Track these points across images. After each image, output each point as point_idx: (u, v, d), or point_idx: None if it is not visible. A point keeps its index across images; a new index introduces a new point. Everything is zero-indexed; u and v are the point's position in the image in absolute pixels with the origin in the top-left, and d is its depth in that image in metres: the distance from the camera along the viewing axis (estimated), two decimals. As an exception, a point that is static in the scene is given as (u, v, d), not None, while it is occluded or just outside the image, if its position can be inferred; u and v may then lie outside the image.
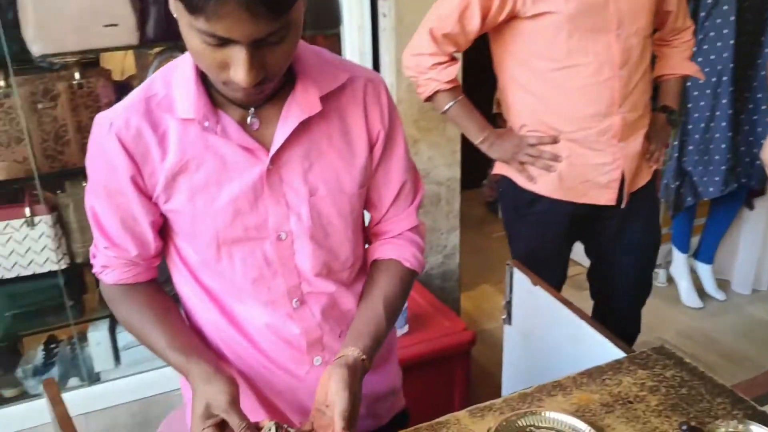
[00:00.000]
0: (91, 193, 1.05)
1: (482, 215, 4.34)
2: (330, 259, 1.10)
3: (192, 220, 1.02)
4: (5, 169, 2.22)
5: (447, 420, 1.13)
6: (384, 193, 1.16)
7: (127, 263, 1.09)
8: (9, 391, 2.47)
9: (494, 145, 1.90)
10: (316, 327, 1.13)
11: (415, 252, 1.19)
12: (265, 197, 1.02)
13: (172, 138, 0.99)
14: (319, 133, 1.04)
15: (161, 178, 1.00)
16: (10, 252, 2.26)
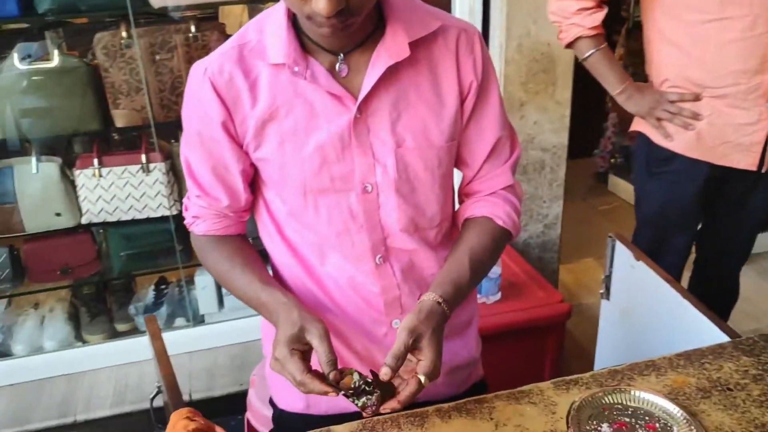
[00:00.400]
0: (186, 143, 1.07)
1: (590, 186, 4.18)
2: (416, 215, 1.08)
3: (280, 168, 1.03)
4: (125, 117, 2.34)
5: (530, 389, 1.10)
6: (477, 149, 1.12)
7: (218, 214, 1.11)
8: (122, 326, 2.65)
9: (632, 98, 1.85)
10: (395, 286, 1.11)
11: (509, 211, 1.13)
12: (352, 147, 1.01)
13: (263, 84, 0.99)
14: (408, 83, 1.02)
15: (251, 124, 1.01)
16: (127, 195, 2.39)
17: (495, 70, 1.11)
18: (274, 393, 1.27)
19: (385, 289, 1.11)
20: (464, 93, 1.06)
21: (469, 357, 1.25)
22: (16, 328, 2.59)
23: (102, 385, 2.46)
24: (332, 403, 1.15)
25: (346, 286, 1.11)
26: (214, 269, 1.14)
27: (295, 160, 1.01)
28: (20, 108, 2.28)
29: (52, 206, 2.36)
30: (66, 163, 2.40)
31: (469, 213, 1.15)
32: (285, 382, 1.20)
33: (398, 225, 1.07)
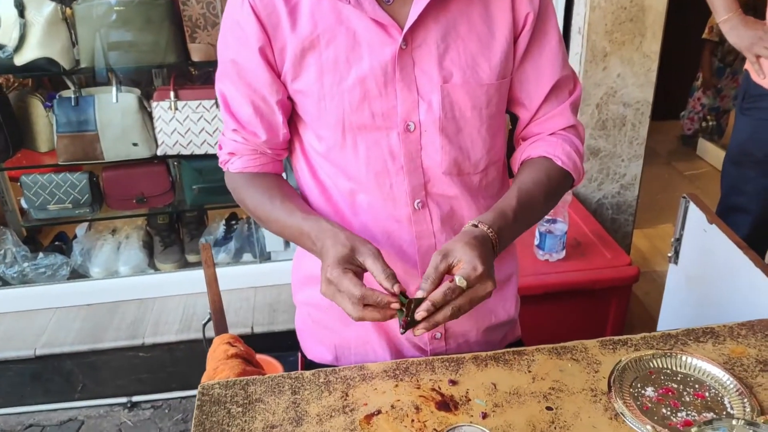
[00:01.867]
0: (222, 76, 1.03)
1: (676, 150, 3.97)
2: (460, 158, 1.02)
3: (318, 102, 0.98)
4: (201, 51, 2.36)
5: (573, 346, 1.06)
6: (534, 89, 1.05)
7: (255, 151, 1.07)
8: (193, 257, 2.74)
9: (735, 28, 1.89)
10: (431, 234, 1.05)
11: (568, 150, 1.05)
12: (396, 81, 0.96)
13: (304, 9, 0.95)
14: (459, 14, 0.96)
15: (290, 52, 0.96)
16: (201, 130, 2.43)
17: (551, 3, 1.03)
18: (303, 343, 1.24)
19: (421, 236, 1.05)
20: (519, 26, 0.99)
21: (506, 316, 1.18)
22: (94, 251, 2.71)
23: (170, 311, 2.56)
24: (360, 355, 1.14)
25: (380, 235, 1.05)
26: (251, 205, 1.08)
27: (334, 93, 0.97)
28: (102, 38, 2.33)
29: (130, 136, 2.42)
30: (144, 94, 2.46)
31: (526, 155, 1.09)
32: (314, 333, 1.19)
33: (441, 168, 1.02)
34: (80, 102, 2.40)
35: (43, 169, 2.54)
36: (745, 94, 1.94)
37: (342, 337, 1.15)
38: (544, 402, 0.95)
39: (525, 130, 1.10)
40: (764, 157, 1.92)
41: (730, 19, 1.88)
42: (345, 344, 1.15)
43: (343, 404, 0.95)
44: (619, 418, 0.92)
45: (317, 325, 1.19)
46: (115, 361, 2.45)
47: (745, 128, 1.95)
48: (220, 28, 1.03)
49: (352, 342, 1.14)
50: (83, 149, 2.42)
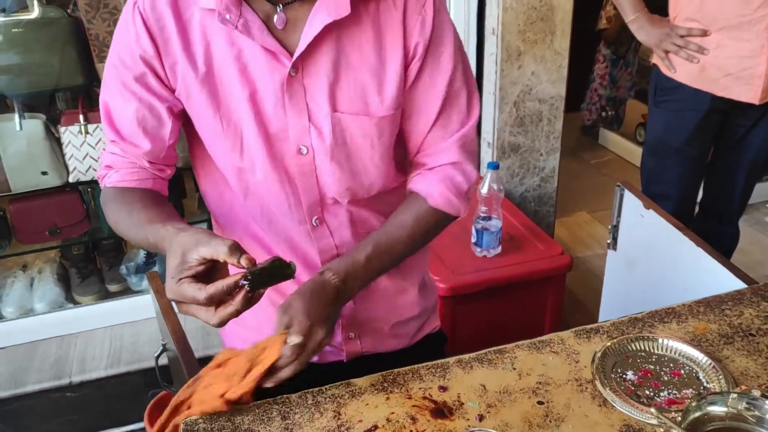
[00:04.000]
0: (108, 85, 1.00)
1: (578, 140, 4.16)
2: (352, 183, 1.02)
3: (214, 123, 0.97)
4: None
5: (550, 339, 1.08)
6: (418, 121, 1.04)
7: (133, 164, 1.02)
8: (114, 286, 2.60)
9: (643, 27, 1.98)
10: (333, 247, 1.08)
11: (445, 192, 1.05)
12: (286, 107, 0.95)
13: (195, 26, 0.93)
14: (350, 43, 0.95)
15: (182, 70, 0.95)
16: (115, 153, 2.32)
17: (452, 32, 1.01)
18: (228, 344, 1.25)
19: (323, 251, 1.08)
20: (409, 56, 0.99)
21: (413, 312, 1.22)
22: (4, 290, 2.53)
23: (96, 346, 2.43)
24: None
25: (287, 250, 1.07)
26: (113, 220, 1.01)
27: (229, 114, 0.96)
28: (1, 62, 2.18)
29: (38, 165, 2.28)
30: (50, 119, 2.32)
31: (410, 186, 1.09)
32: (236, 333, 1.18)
33: (333, 189, 1.02)
34: (-21, 132, 2.23)
35: (-59, 207, 2.35)
36: (657, 88, 2.03)
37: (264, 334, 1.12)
38: (534, 397, 0.97)
39: (414, 158, 1.10)
40: (680, 146, 2.02)
41: (637, 19, 1.97)
42: None
43: (338, 424, 0.93)
44: (608, 404, 0.95)
45: (238, 325, 1.14)
46: (41, 405, 2.30)
47: (660, 120, 2.06)
48: None
49: None
50: (-14, 182, 2.25)
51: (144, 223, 0.94)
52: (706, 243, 1.36)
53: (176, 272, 0.82)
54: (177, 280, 0.82)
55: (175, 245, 0.85)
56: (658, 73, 2.02)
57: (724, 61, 1.86)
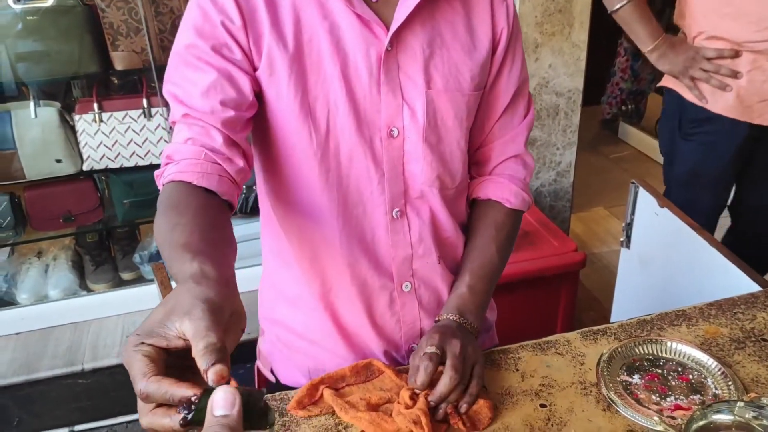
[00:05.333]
0: (175, 71, 0.90)
1: (597, 134, 4.10)
2: (441, 169, 0.99)
3: (302, 100, 0.91)
4: (125, 59, 2.25)
5: (556, 339, 1.06)
6: (496, 101, 1.03)
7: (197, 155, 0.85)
8: (127, 274, 2.62)
9: (665, 56, 1.73)
10: (408, 245, 1.02)
11: (516, 191, 1.07)
12: (381, 83, 0.92)
13: (285, 4, 0.89)
14: (444, 21, 0.94)
15: (267, 49, 0.88)
16: (129, 141, 2.32)
17: (520, 27, 1.05)
18: (274, 366, 1.17)
19: (397, 246, 1.01)
20: (496, 41, 0.99)
21: None
22: (20, 276, 2.55)
23: (108, 333, 2.44)
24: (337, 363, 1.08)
25: (356, 244, 1.00)
26: (156, 230, 0.81)
27: (318, 91, 0.91)
28: (15, 50, 2.19)
29: (53, 152, 2.29)
30: (65, 107, 2.33)
31: (474, 194, 1.09)
32: (286, 356, 1.13)
33: (422, 176, 0.98)
34: (-5, 119, 2.25)
35: (-44, 194, 2.37)
36: (684, 120, 1.80)
37: (317, 360, 1.10)
38: (537, 400, 0.95)
39: (478, 149, 1.08)
40: (716, 178, 1.84)
41: (657, 47, 1.73)
42: (320, 367, 1.08)
43: (336, 422, 0.92)
44: (612, 409, 0.92)
45: (288, 349, 1.12)
46: (54, 391, 2.31)
47: (691, 153, 1.83)
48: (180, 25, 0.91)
49: (327, 365, 1.08)
50: (2, 169, 2.27)
51: (177, 246, 0.72)
52: (720, 243, 1.32)
53: (144, 331, 0.59)
54: (136, 343, 0.58)
55: (173, 295, 0.63)
56: (680, 101, 1.78)
57: (760, 86, 1.65)
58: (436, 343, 0.92)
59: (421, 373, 0.90)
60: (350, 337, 1.06)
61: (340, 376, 0.98)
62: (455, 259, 1.08)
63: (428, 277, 1.04)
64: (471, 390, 0.91)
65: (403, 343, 1.07)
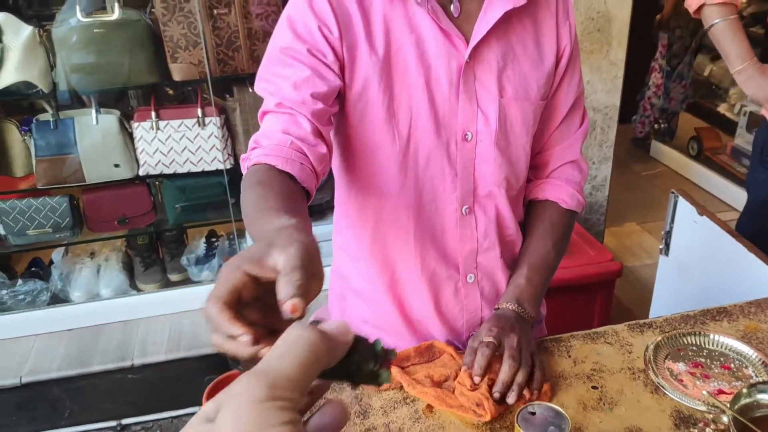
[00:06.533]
0: (268, 70, 0.99)
1: (630, 152, 4.16)
2: (508, 171, 1.09)
3: (386, 108, 1.01)
4: (183, 71, 2.38)
5: (604, 331, 1.14)
6: (556, 111, 1.13)
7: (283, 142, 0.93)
8: (175, 276, 2.73)
9: (752, 78, 1.71)
10: (474, 239, 1.11)
11: (572, 191, 1.17)
12: (459, 91, 1.02)
13: (376, 12, 0.99)
14: (515, 37, 1.04)
15: (362, 55, 0.99)
16: (183, 149, 2.44)
17: (578, 44, 1.14)
18: None
19: (464, 240, 1.11)
20: (560, 56, 1.09)
21: None
22: (73, 275, 2.67)
23: (157, 332, 2.55)
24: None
25: (427, 237, 1.10)
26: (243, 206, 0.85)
27: (403, 98, 1.01)
28: (81, 60, 2.32)
29: (111, 157, 2.42)
30: (125, 115, 2.46)
31: (532, 195, 1.18)
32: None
33: (491, 177, 1.08)
34: (59, 125, 2.38)
35: (20, 194, 2.50)
36: (765, 145, 1.80)
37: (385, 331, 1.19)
38: (589, 382, 1.02)
39: (538, 155, 1.17)
40: None
41: (745, 69, 1.70)
42: None
43: (404, 396, 1.01)
44: (660, 392, 1.00)
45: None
46: (104, 385, 2.42)
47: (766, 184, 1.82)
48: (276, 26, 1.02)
49: None
50: (64, 172, 2.40)
51: (268, 209, 0.77)
52: (758, 249, 1.39)
53: (244, 258, 0.60)
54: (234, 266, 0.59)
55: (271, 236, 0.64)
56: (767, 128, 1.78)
57: None
58: (494, 335, 1.01)
59: (479, 358, 0.99)
60: (415, 324, 1.15)
61: (405, 356, 1.07)
62: (513, 256, 1.17)
63: (490, 270, 1.13)
64: (537, 376, 1.00)
65: (464, 331, 1.16)
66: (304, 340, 0.42)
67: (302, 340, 0.42)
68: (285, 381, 0.39)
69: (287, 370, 0.40)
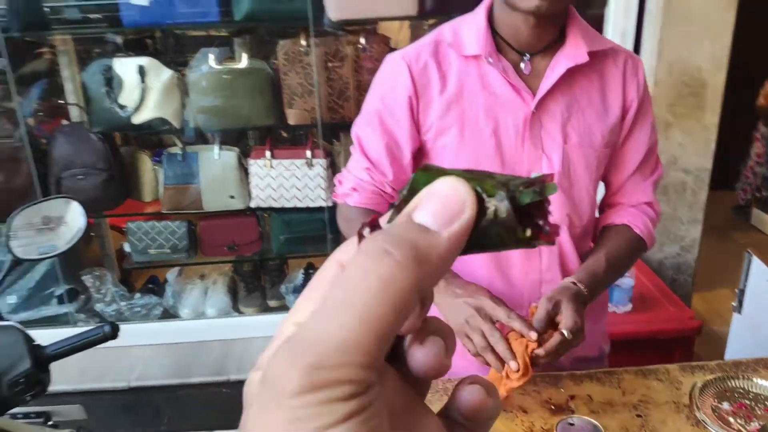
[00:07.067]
0: (362, 122, 1.24)
1: (730, 219, 4.09)
2: (571, 209, 1.21)
3: (457, 150, 1.18)
4: (297, 115, 2.64)
5: (656, 368, 1.22)
6: (627, 160, 1.25)
7: (375, 191, 1.23)
8: (273, 302, 2.95)
9: None
10: (538, 270, 1.23)
11: (646, 221, 1.26)
12: (525, 138, 1.17)
13: (453, 73, 1.17)
14: (580, 90, 1.18)
15: (437, 107, 1.17)
16: (291, 185, 2.69)
17: (650, 97, 1.26)
18: None
19: (529, 271, 1.23)
20: (626, 108, 1.21)
21: (596, 352, 1.36)
22: (184, 294, 2.95)
23: (254, 351, 2.75)
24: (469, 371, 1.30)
25: (493, 268, 1.23)
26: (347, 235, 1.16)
27: (472, 144, 1.17)
28: (209, 102, 2.62)
29: (228, 189, 2.69)
30: (242, 152, 2.74)
31: (609, 221, 1.29)
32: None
33: (554, 214, 1.19)
34: (186, 158, 2.69)
35: (146, 217, 2.82)
36: None
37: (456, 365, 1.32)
38: (634, 411, 1.11)
39: (611, 197, 1.30)
40: None
41: None
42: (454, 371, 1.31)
43: (461, 406, 1.13)
44: (701, 425, 1.07)
45: None
46: (201, 396, 2.64)
47: None
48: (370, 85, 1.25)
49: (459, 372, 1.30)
50: (185, 200, 2.69)
51: None
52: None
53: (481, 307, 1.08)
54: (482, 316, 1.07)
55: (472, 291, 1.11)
56: None
57: None
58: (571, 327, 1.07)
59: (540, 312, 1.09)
60: None
61: None
62: None
63: None
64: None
65: None
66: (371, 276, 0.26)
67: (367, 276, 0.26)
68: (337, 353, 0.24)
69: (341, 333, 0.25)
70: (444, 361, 0.30)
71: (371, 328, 0.25)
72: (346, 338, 0.24)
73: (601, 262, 1.20)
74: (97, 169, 2.59)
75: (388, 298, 0.25)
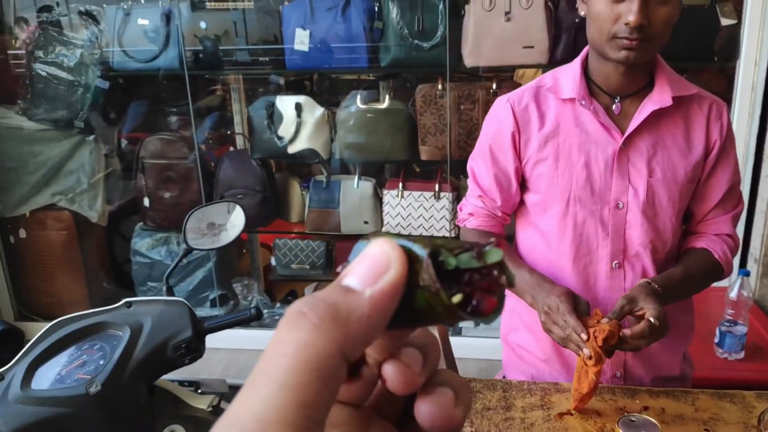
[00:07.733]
0: (476, 156, 1.45)
1: None
2: (654, 236, 1.35)
3: (551, 180, 1.36)
4: (429, 152, 2.89)
5: (733, 393, 1.31)
6: (708, 198, 1.38)
7: (488, 214, 1.45)
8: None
9: None
10: (622, 290, 1.36)
11: (725, 249, 1.38)
12: (613, 170, 1.33)
13: (551, 113, 1.36)
14: (666, 131, 1.33)
15: (535, 142, 1.36)
16: (419, 216, 2.93)
17: (734, 139, 1.38)
18: (506, 373, 1.57)
19: (613, 290, 1.37)
20: (709, 149, 1.35)
21: (676, 372, 1.46)
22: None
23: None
24: (553, 375, 1.46)
25: (582, 287, 1.38)
26: None
27: (565, 173, 1.35)
28: (353, 138, 2.94)
29: (363, 215, 2.98)
30: (378, 183, 3.03)
31: (691, 244, 1.41)
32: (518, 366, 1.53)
33: (638, 240, 1.35)
34: (330, 185, 3.02)
35: (292, 235, 3.17)
36: None
37: (538, 369, 1.49)
38: (702, 426, 1.22)
39: (695, 226, 1.43)
40: None
41: None
42: (539, 375, 1.48)
43: (542, 403, 1.29)
44: (765, 445, 1.16)
45: (521, 360, 1.53)
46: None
47: None
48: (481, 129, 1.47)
49: (545, 374, 1.47)
50: (326, 222, 3.01)
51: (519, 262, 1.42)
52: None
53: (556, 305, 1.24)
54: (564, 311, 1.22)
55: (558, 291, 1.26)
56: None
57: None
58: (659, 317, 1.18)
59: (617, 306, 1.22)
60: (567, 359, 1.44)
61: None
62: None
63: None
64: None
65: (608, 369, 1.41)
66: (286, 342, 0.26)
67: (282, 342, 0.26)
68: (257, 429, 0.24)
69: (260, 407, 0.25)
70: (453, 412, 0.29)
71: (292, 398, 0.24)
72: (265, 412, 0.24)
73: (678, 272, 1.32)
74: (254, 191, 2.98)
75: (306, 363, 0.25)
